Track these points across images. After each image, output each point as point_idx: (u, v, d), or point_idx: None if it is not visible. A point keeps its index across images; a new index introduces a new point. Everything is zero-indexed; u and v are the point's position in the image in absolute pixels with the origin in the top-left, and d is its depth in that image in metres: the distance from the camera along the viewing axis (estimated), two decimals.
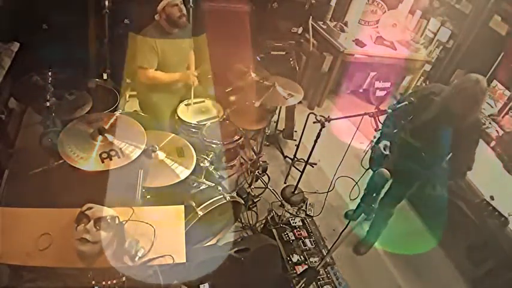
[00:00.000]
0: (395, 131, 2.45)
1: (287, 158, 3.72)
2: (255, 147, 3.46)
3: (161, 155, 2.18)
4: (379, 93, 4.96)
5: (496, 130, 3.47)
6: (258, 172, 3.12)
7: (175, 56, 2.76)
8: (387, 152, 2.43)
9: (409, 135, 2.37)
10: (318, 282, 2.36)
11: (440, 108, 2.13)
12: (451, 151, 2.21)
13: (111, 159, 1.81)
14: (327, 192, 3.36)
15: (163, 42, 2.63)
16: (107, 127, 1.93)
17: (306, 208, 3.23)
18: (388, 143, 2.46)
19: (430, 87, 2.43)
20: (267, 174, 3.33)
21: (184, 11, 2.62)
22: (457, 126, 2.11)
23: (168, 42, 2.67)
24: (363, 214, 2.18)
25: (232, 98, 3.11)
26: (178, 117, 2.82)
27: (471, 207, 2.86)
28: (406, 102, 2.32)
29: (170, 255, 1.60)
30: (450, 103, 2.06)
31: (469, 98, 2.00)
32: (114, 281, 1.55)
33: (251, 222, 2.94)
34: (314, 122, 2.76)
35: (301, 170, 3.16)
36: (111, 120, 2.02)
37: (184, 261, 1.63)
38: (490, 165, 3.14)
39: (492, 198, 2.74)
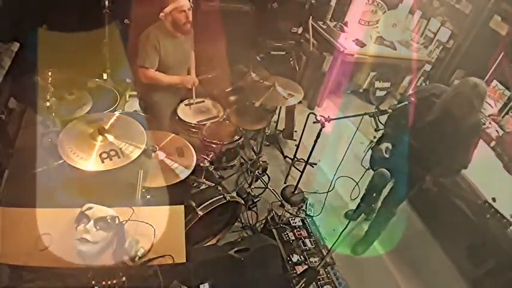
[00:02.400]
0: (396, 132, 2.46)
1: (287, 158, 3.72)
2: (255, 147, 3.47)
3: (161, 155, 2.18)
4: (379, 93, 4.96)
5: (496, 130, 3.47)
6: (258, 172, 3.12)
7: (177, 57, 2.76)
8: (388, 155, 2.43)
9: (410, 137, 2.38)
10: (318, 282, 2.35)
11: (440, 110, 2.16)
12: (450, 150, 2.23)
13: (111, 159, 1.81)
14: (327, 192, 3.35)
15: (166, 42, 2.63)
16: (107, 127, 1.93)
17: (306, 208, 3.23)
18: (389, 145, 2.47)
19: (430, 88, 2.45)
20: (267, 174, 3.33)
21: (190, 18, 2.61)
22: (457, 128, 2.13)
23: (171, 43, 2.67)
24: (363, 214, 2.19)
25: (232, 98, 3.11)
26: (178, 117, 2.82)
27: (472, 208, 2.86)
28: (406, 102, 2.33)
29: (170, 255, 1.60)
30: (449, 106, 2.09)
31: (465, 102, 2.02)
32: (114, 281, 1.55)
33: (251, 222, 2.94)
34: (314, 122, 2.76)
35: (301, 170, 3.16)
36: (111, 120, 2.02)
37: (184, 261, 1.63)
38: (490, 165, 3.14)
39: (494, 200, 2.74)
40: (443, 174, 2.39)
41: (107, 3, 3.07)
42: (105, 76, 3.28)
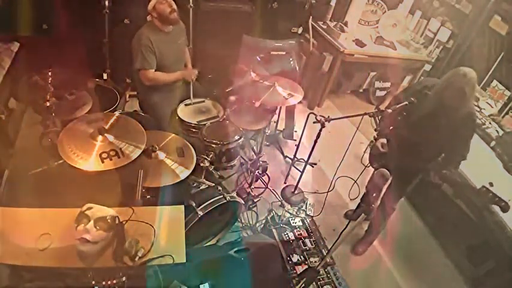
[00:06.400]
0: (391, 128, 2.47)
1: (287, 158, 3.72)
2: (255, 147, 3.46)
3: (161, 155, 2.18)
4: (379, 93, 4.96)
5: (496, 130, 3.47)
6: (258, 172, 3.12)
7: (172, 54, 2.76)
8: (385, 150, 2.45)
9: (406, 131, 2.39)
10: (318, 282, 2.36)
11: (433, 102, 2.19)
12: (447, 142, 2.24)
13: (111, 159, 1.81)
14: (327, 192, 3.35)
15: (159, 41, 2.62)
16: (107, 127, 1.93)
17: (306, 208, 3.23)
18: (385, 141, 2.48)
19: (422, 81, 2.50)
20: (267, 174, 3.33)
21: (175, 6, 2.60)
22: (452, 119, 2.16)
23: (164, 41, 2.66)
24: (363, 214, 2.18)
25: (232, 98, 3.11)
26: (178, 117, 2.82)
27: (471, 207, 2.86)
28: (406, 102, 2.33)
29: (170, 255, 1.60)
30: (442, 97, 2.13)
31: (457, 92, 2.07)
32: (114, 281, 1.55)
33: (251, 222, 2.94)
34: (314, 122, 2.76)
35: (301, 170, 3.16)
36: (111, 120, 2.02)
37: (184, 261, 1.63)
38: (490, 165, 3.14)
39: (491, 184, 2.73)
40: (445, 166, 2.40)
41: (107, 3, 3.08)
42: (105, 76, 3.28)
